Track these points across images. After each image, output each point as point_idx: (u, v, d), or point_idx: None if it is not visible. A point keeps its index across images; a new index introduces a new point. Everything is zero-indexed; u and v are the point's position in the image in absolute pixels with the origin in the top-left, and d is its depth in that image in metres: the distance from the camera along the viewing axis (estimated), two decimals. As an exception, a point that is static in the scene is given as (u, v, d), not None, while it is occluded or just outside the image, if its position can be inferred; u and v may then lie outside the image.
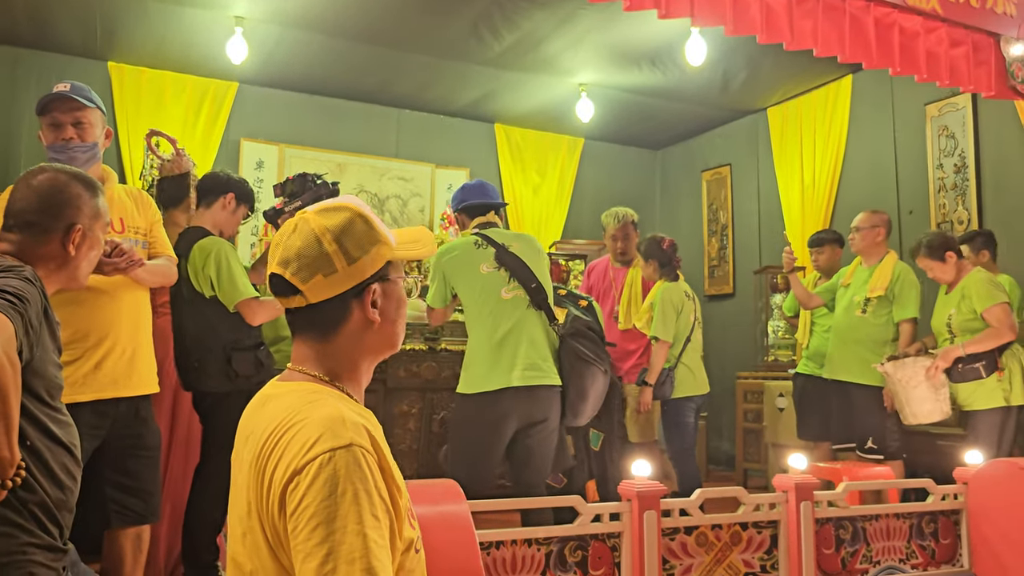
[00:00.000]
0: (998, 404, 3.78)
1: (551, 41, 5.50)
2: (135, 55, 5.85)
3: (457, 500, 2.21)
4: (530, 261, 3.19)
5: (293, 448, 1.12)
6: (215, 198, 3.16)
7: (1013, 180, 4.98)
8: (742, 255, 7.13)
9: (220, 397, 2.97)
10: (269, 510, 1.13)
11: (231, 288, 2.94)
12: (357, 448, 1.11)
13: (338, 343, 1.28)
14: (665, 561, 2.59)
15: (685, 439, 4.28)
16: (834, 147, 6.17)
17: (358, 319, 1.28)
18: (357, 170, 6.74)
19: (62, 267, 1.88)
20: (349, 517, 1.06)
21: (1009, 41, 4.11)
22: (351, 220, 1.27)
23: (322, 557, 1.04)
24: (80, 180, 1.90)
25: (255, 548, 1.16)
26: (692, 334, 4.30)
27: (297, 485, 1.09)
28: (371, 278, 1.28)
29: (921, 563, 3.01)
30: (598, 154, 7.80)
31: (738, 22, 3.38)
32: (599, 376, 3.19)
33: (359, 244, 1.26)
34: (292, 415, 1.16)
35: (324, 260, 1.23)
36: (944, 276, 3.99)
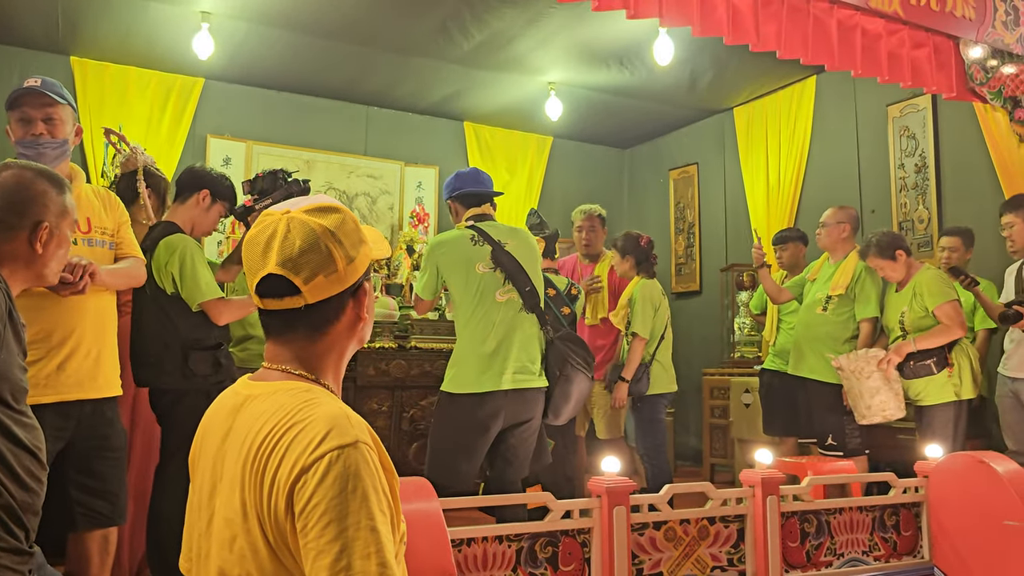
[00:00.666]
0: (949, 399, 3.86)
1: (520, 40, 5.51)
2: (98, 50, 5.75)
3: (429, 498, 2.22)
4: (525, 261, 3.19)
5: (299, 446, 1.11)
6: (189, 194, 3.11)
7: (972, 180, 5.10)
8: (709, 253, 7.21)
9: (177, 395, 2.93)
10: (272, 510, 1.12)
11: (194, 287, 2.90)
12: (363, 445, 1.12)
13: (326, 342, 1.28)
14: (634, 556, 2.62)
15: (658, 436, 4.32)
16: (798, 147, 6.27)
17: (350, 317, 1.29)
18: (325, 167, 6.70)
19: (29, 265, 1.85)
20: (361, 513, 1.07)
21: (968, 44, 4.21)
22: (344, 219, 1.27)
23: (336, 553, 1.04)
24: (46, 177, 1.87)
25: (251, 552, 1.13)
26: (665, 332, 4.36)
27: (306, 483, 1.08)
28: (363, 276, 1.29)
29: (883, 555, 3.08)
30: (566, 152, 7.83)
31: (705, 23, 3.43)
32: (584, 381, 3.24)
33: (353, 243, 1.27)
34: (291, 414, 1.16)
35: (327, 260, 1.23)
36: (895, 275, 4.07)
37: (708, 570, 2.77)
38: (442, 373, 3.24)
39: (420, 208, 6.95)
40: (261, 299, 1.26)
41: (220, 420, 1.27)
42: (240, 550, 1.14)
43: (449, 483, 2.96)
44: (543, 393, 3.19)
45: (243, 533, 1.14)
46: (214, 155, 6.28)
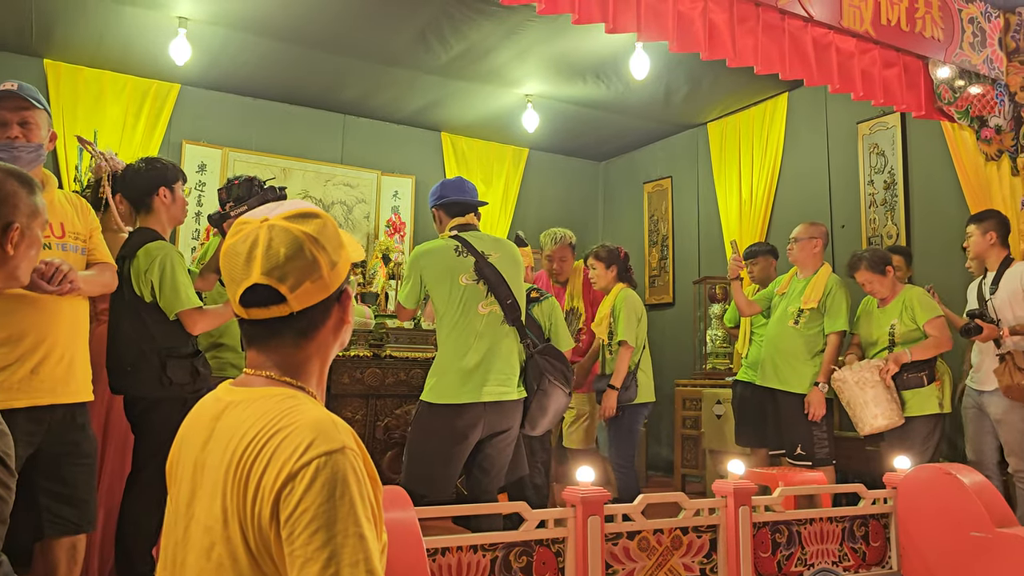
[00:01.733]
0: (934, 410, 3.96)
1: (498, 52, 5.54)
2: (72, 53, 5.70)
3: (404, 507, 2.22)
4: (507, 274, 3.20)
5: (284, 452, 1.10)
6: (150, 199, 3.03)
7: (939, 197, 5.20)
8: (682, 265, 7.27)
9: (153, 403, 2.89)
10: (256, 517, 1.10)
11: (173, 296, 2.86)
12: (350, 451, 1.11)
13: (311, 347, 1.28)
14: (608, 566, 2.63)
15: (633, 447, 4.33)
16: (770, 162, 6.36)
17: (334, 322, 1.29)
18: (302, 175, 6.68)
19: (1, 266, 1.83)
20: (349, 520, 1.06)
21: (937, 64, 4.30)
22: (325, 224, 1.27)
23: (324, 561, 1.03)
24: (16, 177, 1.84)
25: (230, 560, 1.12)
26: (646, 341, 4.41)
27: (293, 490, 1.07)
28: (346, 280, 1.30)
29: (852, 565, 3.12)
30: (542, 164, 7.88)
31: (682, 39, 3.47)
32: (562, 396, 3.26)
33: (335, 248, 1.26)
34: (276, 420, 1.15)
35: (311, 266, 1.22)
36: (883, 290, 4.16)
37: (681, 580, 2.79)
38: (417, 382, 3.25)
39: (396, 217, 6.95)
40: (246, 308, 1.24)
41: (200, 427, 1.25)
42: (218, 558, 1.13)
43: (426, 492, 2.97)
44: (521, 404, 3.21)
45: (222, 541, 1.13)
46: (189, 161, 6.24)
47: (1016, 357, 3.81)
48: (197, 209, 6.21)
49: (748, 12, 3.65)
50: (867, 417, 3.98)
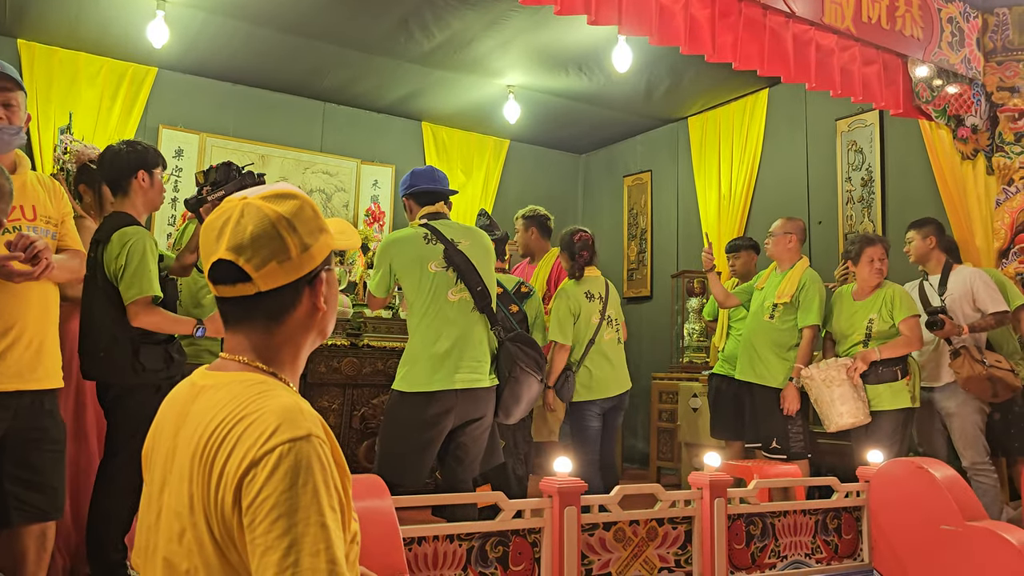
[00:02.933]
0: (904, 405, 4.00)
1: (480, 41, 5.52)
2: (48, 33, 5.61)
3: (381, 496, 2.21)
4: (478, 261, 3.20)
5: (249, 439, 1.08)
6: (127, 183, 2.98)
7: (915, 194, 5.26)
8: (660, 259, 7.30)
9: (126, 390, 2.85)
10: (219, 504, 1.09)
11: (132, 282, 2.80)
12: (316, 439, 1.09)
13: (284, 332, 1.25)
14: (584, 556, 2.64)
15: (586, 445, 4.07)
16: (750, 157, 6.39)
17: (306, 307, 1.26)
18: (281, 163, 6.63)
19: None
20: (311, 509, 1.04)
21: (915, 63, 4.34)
22: (301, 207, 1.24)
23: (284, 549, 1.02)
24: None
25: (197, 546, 1.11)
26: (597, 335, 4.09)
27: (255, 477, 1.06)
28: (321, 266, 1.26)
29: (825, 557, 3.15)
30: (523, 156, 7.87)
31: (663, 32, 3.48)
32: (535, 384, 3.26)
33: (310, 231, 1.24)
34: (243, 405, 1.13)
35: (280, 246, 1.20)
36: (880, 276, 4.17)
37: (656, 571, 2.80)
38: (394, 372, 3.23)
39: (376, 206, 6.91)
40: (214, 285, 1.23)
41: (174, 412, 1.24)
42: (188, 543, 1.12)
43: (400, 481, 2.96)
44: (493, 392, 3.21)
45: (190, 527, 1.12)
46: (166, 146, 6.17)
47: (971, 350, 3.97)
48: (173, 194, 6.14)
49: (731, 7, 3.66)
50: (833, 415, 4.03)
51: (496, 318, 3.22)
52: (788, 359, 4.24)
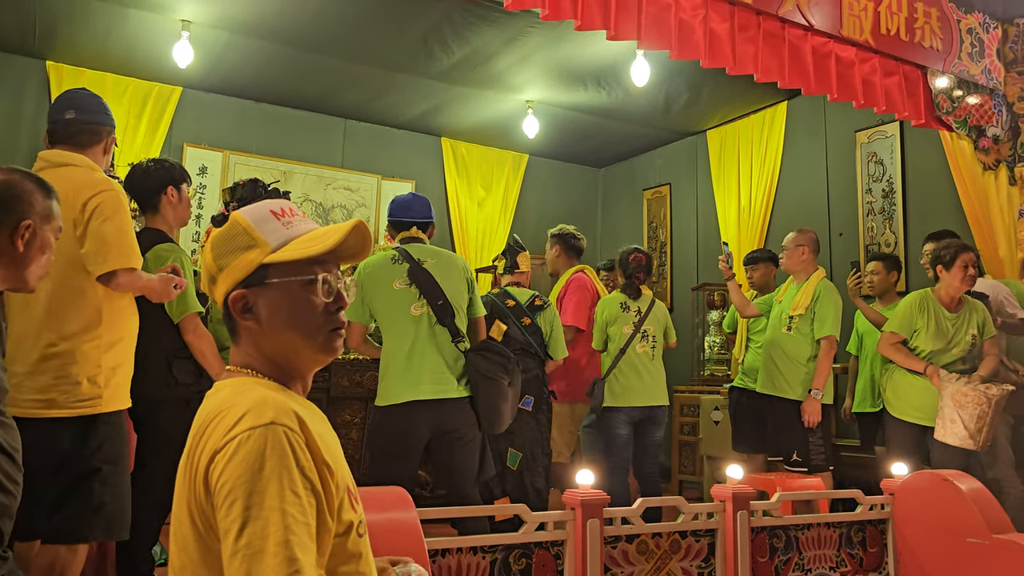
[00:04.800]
0: None
1: (500, 58, 5.57)
2: (75, 55, 5.72)
3: (407, 508, 2.23)
4: (441, 278, 3.29)
5: (218, 432, 1.14)
6: (156, 199, 3.08)
7: (936, 205, 5.23)
8: (680, 272, 7.30)
9: (156, 403, 2.91)
10: (197, 496, 1.14)
11: (180, 300, 2.89)
12: (278, 426, 1.12)
13: (243, 342, 1.30)
14: (607, 569, 2.64)
15: (612, 453, 4.21)
16: (769, 170, 6.39)
17: (245, 325, 1.28)
18: (302, 179, 6.70)
19: (10, 265, 1.84)
20: (267, 492, 1.07)
21: (935, 74, 4.34)
22: (231, 226, 1.30)
23: (236, 532, 1.05)
24: (34, 180, 1.88)
25: (184, 542, 1.16)
26: (629, 346, 4.26)
27: (217, 463, 1.11)
28: (236, 284, 1.27)
29: (849, 571, 3.13)
30: (542, 170, 7.91)
31: (682, 46, 3.50)
32: (505, 388, 3.28)
33: (230, 250, 1.28)
34: (220, 406, 1.19)
35: (208, 268, 1.31)
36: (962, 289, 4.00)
37: (679, 584, 2.80)
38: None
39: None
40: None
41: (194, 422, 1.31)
42: (180, 540, 1.18)
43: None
44: (466, 404, 3.26)
45: (179, 525, 1.18)
46: (191, 164, 6.26)
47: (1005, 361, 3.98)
48: (198, 211, 6.23)
49: (749, 21, 3.68)
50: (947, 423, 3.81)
51: (457, 331, 3.27)
52: (806, 371, 4.22)
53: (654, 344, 4.37)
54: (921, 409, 3.95)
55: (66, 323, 2.35)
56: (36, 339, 2.32)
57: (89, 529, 2.32)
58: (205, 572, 1.14)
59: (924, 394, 3.93)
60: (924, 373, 3.93)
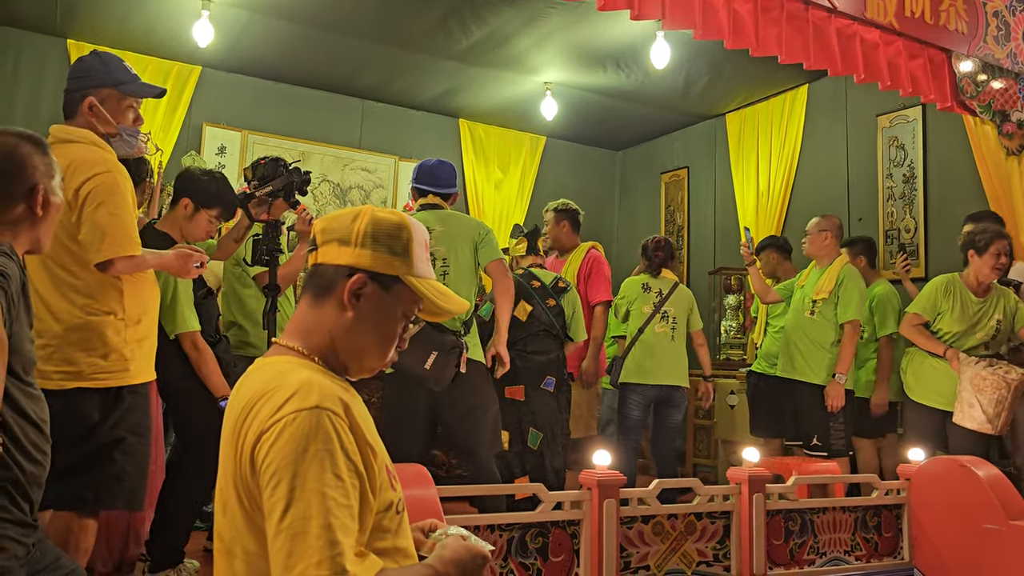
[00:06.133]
0: None
1: (519, 38, 5.55)
2: (96, 34, 5.73)
3: (426, 485, 2.26)
4: (447, 246, 3.32)
5: (264, 412, 1.17)
6: (177, 200, 3.06)
7: (958, 191, 5.18)
8: (697, 256, 7.27)
9: (182, 390, 2.98)
10: (243, 474, 1.17)
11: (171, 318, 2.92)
12: (323, 410, 1.15)
13: (320, 315, 1.31)
14: (623, 549, 2.66)
15: (625, 428, 4.44)
16: (789, 154, 6.34)
17: (337, 299, 1.30)
18: (320, 159, 6.72)
19: (29, 229, 1.84)
20: (309, 474, 1.10)
21: (960, 57, 4.28)
22: (400, 227, 1.33)
23: (281, 511, 1.09)
24: (26, 139, 1.84)
25: (233, 518, 1.20)
26: (647, 326, 4.44)
27: (263, 443, 1.14)
28: (368, 270, 1.30)
29: (864, 555, 3.14)
30: (560, 153, 7.88)
31: (706, 26, 3.47)
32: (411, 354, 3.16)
33: (386, 244, 1.31)
34: (267, 384, 1.21)
35: (346, 230, 1.30)
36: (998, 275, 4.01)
37: (694, 565, 2.82)
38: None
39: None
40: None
41: (233, 397, 1.33)
42: (229, 515, 1.21)
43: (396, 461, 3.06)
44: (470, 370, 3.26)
45: (227, 500, 1.21)
46: (209, 144, 6.29)
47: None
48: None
49: (772, 2, 3.65)
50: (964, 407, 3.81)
51: None
52: (829, 355, 4.22)
53: (674, 326, 4.50)
54: (943, 394, 3.93)
55: (92, 298, 2.37)
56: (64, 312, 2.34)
57: (111, 499, 2.35)
58: (253, 544, 1.18)
59: (946, 378, 3.92)
60: (944, 356, 3.92)
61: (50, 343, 2.30)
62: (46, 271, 2.35)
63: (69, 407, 2.28)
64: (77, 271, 2.36)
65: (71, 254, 2.36)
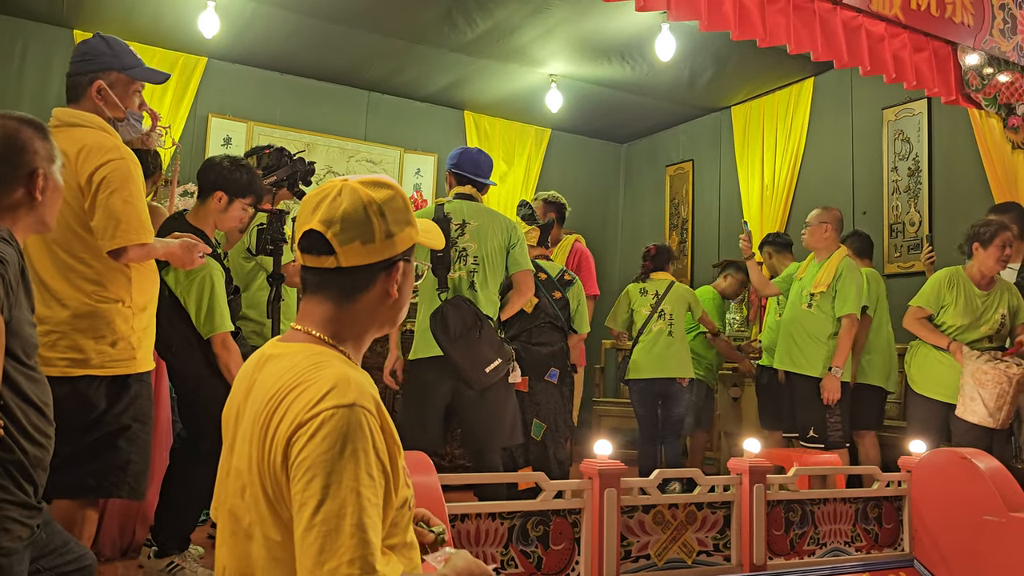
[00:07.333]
0: None
1: (523, 30, 5.55)
2: (102, 25, 5.74)
3: (428, 472, 2.28)
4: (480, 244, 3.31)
5: (299, 404, 1.16)
6: (207, 195, 3.02)
7: (963, 184, 5.17)
8: (701, 249, 7.28)
9: (198, 381, 2.97)
10: (271, 464, 1.17)
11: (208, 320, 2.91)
12: (360, 408, 1.16)
13: (354, 310, 1.32)
14: (623, 538, 2.68)
15: (638, 422, 4.70)
16: (794, 147, 6.33)
17: (379, 291, 1.32)
18: (325, 151, 6.73)
19: (30, 212, 1.85)
20: (345, 473, 1.10)
21: (966, 50, 4.27)
22: (394, 196, 1.32)
23: (314, 507, 1.09)
24: (26, 123, 1.85)
25: (255, 502, 1.20)
26: (646, 326, 4.67)
27: (299, 438, 1.13)
28: (400, 255, 1.33)
29: (865, 546, 3.15)
30: (565, 145, 7.89)
31: (712, 17, 3.47)
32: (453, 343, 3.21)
33: (397, 221, 1.31)
34: (299, 375, 1.20)
35: (366, 228, 1.28)
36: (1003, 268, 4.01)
37: (694, 554, 2.83)
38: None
39: (418, 195, 6.99)
40: (302, 253, 1.32)
41: (245, 380, 1.33)
42: (248, 499, 1.21)
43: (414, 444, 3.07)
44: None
45: (250, 484, 1.21)
46: (215, 135, 6.31)
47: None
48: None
49: (777, -7, 3.65)
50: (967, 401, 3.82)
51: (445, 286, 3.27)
52: (826, 348, 4.21)
53: (671, 322, 4.66)
54: (947, 386, 3.94)
55: (101, 285, 2.38)
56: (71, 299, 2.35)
57: (115, 487, 2.36)
58: (276, 533, 1.18)
59: (950, 371, 3.93)
60: (947, 349, 3.93)
61: (55, 330, 2.30)
62: (51, 258, 2.35)
63: (75, 395, 2.29)
64: (87, 258, 2.36)
65: (81, 241, 2.35)
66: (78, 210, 2.34)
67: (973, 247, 4.01)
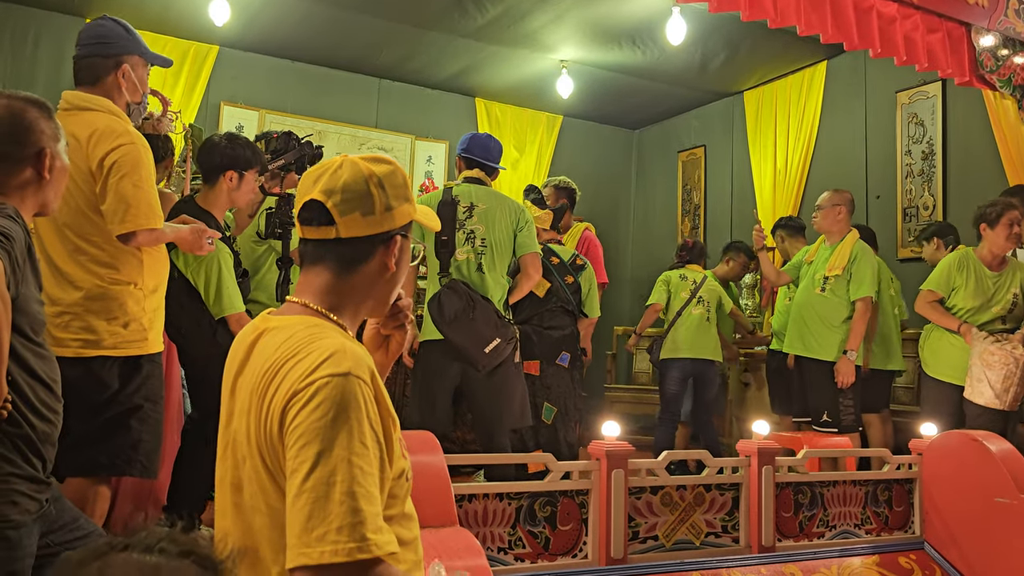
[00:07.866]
0: None
1: (534, 16, 5.53)
2: (114, 12, 5.60)
3: (434, 451, 2.29)
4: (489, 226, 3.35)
5: (295, 374, 1.17)
6: (216, 178, 3.02)
7: (977, 167, 5.12)
8: (713, 235, 7.24)
9: (207, 361, 2.98)
10: (268, 433, 1.18)
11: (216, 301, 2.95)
12: (354, 378, 1.16)
13: (352, 282, 1.33)
14: (631, 519, 2.68)
15: (664, 401, 4.87)
16: (807, 131, 6.29)
17: (378, 264, 1.33)
18: (337, 139, 6.75)
19: (37, 193, 1.87)
20: (337, 440, 1.11)
21: (980, 31, 4.22)
22: (394, 172, 1.35)
23: (304, 473, 1.10)
24: (31, 103, 1.86)
25: (255, 472, 1.21)
26: (685, 309, 4.92)
27: (294, 405, 1.14)
28: (399, 229, 1.35)
29: (875, 529, 3.14)
30: (576, 131, 7.86)
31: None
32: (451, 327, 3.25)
33: (397, 195, 1.33)
34: (296, 345, 1.21)
35: (366, 200, 1.30)
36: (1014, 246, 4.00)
37: (702, 536, 2.83)
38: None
39: (430, 182, 7.00)
40: (301, 225, 1.33)
41: (241, 352, 1.33)
42: (249, 470, 1.22)
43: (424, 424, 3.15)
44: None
45: (249, 456, 1.22)
46: (227, 123, 6.33)
47: None
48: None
49: (787, -27, 3.61)
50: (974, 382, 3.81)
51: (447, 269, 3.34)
52: (840, 332, 4.19)
53: (709, 309, 4.93)
54: (960, 369, 3.92)
55: (114, 268, 2.40)
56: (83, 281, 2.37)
57: (127, 466, 2.39)
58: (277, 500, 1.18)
59: (963, 354, 3.90)
60: (958, 332, 3.91)
61: (67, 311, 2.33)
62: (63, 241, 2.37)
63: (88, 375, 2.32)
64: (100, 241, 2.38)
65: (93, 224, 2.38)
66: (89, 194, 2.36)
67: (981, 228, 4.00)
